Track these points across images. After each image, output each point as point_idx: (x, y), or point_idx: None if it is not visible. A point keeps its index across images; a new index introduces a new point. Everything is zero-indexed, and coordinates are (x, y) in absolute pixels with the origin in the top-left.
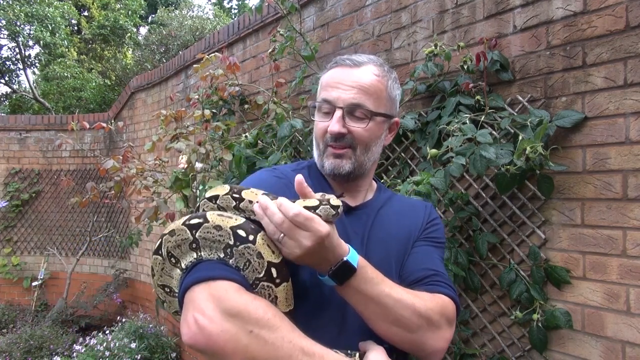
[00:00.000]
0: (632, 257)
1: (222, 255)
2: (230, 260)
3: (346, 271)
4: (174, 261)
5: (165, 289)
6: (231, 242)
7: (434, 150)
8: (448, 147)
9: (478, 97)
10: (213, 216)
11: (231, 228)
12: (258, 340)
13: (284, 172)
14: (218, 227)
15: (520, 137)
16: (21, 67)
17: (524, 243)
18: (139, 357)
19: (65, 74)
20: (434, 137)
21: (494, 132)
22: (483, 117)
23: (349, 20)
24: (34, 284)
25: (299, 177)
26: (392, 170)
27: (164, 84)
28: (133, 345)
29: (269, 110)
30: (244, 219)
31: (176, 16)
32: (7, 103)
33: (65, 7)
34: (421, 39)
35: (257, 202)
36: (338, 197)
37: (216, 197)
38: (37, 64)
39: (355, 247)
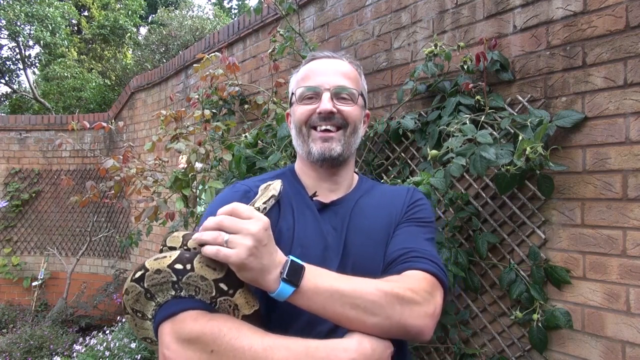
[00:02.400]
0: (632, 257)
1: (173, 293)
2: (182, 293)
3: (298, 269)
4: (140, 315)
5: (147, 340)
6: (174, 279)
7: (434, 152)
8: (448, 147)
9: (478, 97)
10: (150, 262)
11: (168, 266)
12: (220, 356)
13: (245, 183)
14: (158, 271)
15: (520, 137)
16: (21, 67)
17: (524, 243)
18: (139, 357)
19: (65, 74)
20: (434, 137)
21: (494, 132)
22: (483, 117)
23: (349, 20)
24: (34, 284)
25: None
26: (392, 170)
27: (164, 84)
28: (133, 345)
29: (269, 110)
30: (177, 252)
31: (176, 16)
32: (7, 103)
33: (66, 7)
34: (421, 39)
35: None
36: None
37: (174, 248)
38: (37, 64)
39: (333, 241)
